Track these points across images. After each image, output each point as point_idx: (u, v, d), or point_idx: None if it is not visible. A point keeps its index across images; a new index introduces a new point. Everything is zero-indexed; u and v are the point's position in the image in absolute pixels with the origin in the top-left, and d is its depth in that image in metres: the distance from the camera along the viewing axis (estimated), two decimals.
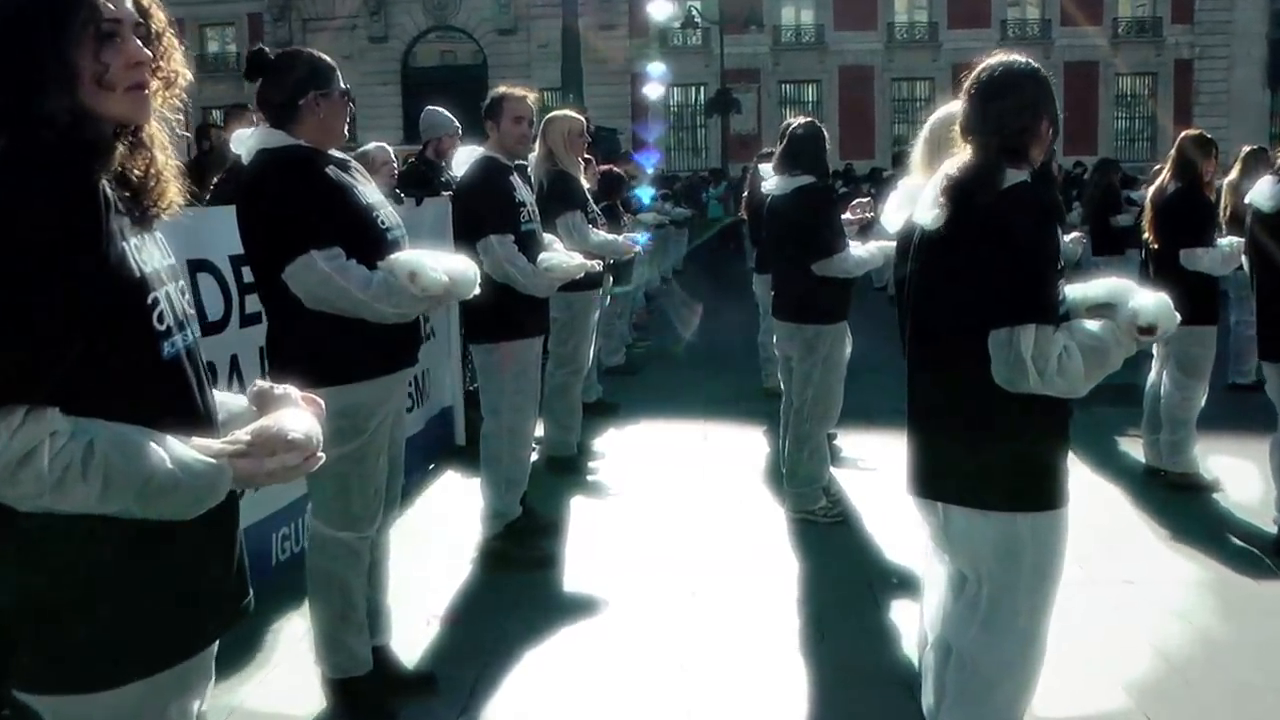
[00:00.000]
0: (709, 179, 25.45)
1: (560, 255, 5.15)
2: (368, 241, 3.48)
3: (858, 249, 5.73)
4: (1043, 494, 2.90)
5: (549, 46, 33.71)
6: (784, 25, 40.55)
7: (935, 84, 40.01)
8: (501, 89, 5.27)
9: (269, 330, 3.62)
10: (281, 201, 3.38)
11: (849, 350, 5.94)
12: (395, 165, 7.59)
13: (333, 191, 3.42)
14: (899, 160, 16.31)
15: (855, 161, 30.85)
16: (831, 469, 6.19)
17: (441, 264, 3.52)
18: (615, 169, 9.97)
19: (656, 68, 34.04)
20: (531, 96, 5.26)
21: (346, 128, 3.64)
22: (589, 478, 6.81)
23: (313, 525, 3.70)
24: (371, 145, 7.47)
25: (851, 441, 7.28)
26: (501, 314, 5.02)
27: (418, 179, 7.53)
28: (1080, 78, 38.23)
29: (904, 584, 4.81)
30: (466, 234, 5.07)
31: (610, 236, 6.93)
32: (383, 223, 3.57)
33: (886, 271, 7.11)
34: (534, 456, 6.92)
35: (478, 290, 3.67)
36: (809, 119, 6.04)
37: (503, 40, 38.72)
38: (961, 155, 2.94)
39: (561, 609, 4.74)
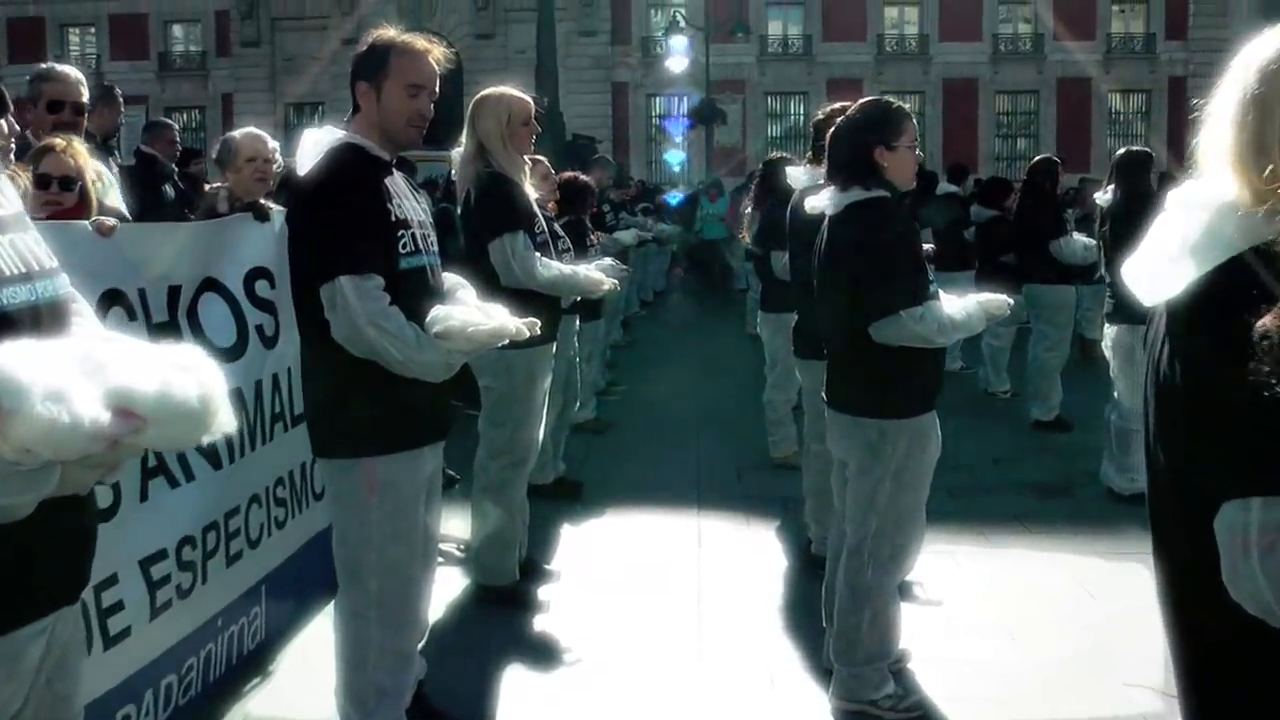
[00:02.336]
0: (710, 191, 21.36)
1: (464, 312, 3.01)
2: None
3: (949, 305, 3.67)
4: None
5: (527, 52, 31.72)
6: (770, 35, 38.70)
7: (926, 97, 38.40)
8: (388, 33, 3.17)
9: None
10: None
11: (937, 453, 3.84)
12: (277, 163, 5.45)
13: None
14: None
15: None
16: None
17: (115, 373, 1.44)
18: (581, 176, 7.85)
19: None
20: (437, 53, 3.18)
21: None
22: (533, 621, 4.68)
23: None
24: (239, 131, 5.31)
25: None
26: (364, 409, 2.96)
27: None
28: (1073, 94, 37.04)
29: None
30: (304, 273, 2.99)
31: (569, 269, 4.80)
32: None
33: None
34: (459, 584, 4.87)
35: (224, 427, 1.58)
36: (877, 97, 3.96)
37: (479, 45, 36.67)
38: None
39: None
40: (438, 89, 3.15)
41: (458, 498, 5.44)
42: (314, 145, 3.09)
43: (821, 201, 3.83)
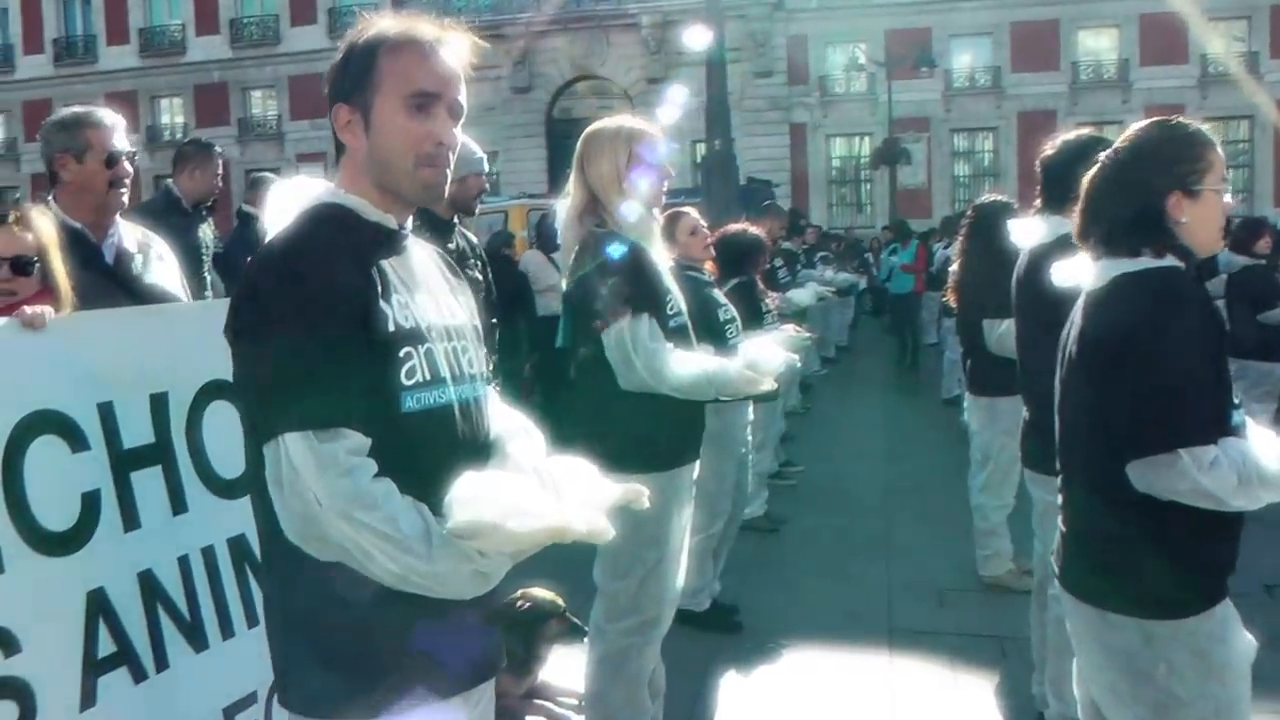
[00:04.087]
0: (891, 238, 18.57)
1: (505, 490, 1.74)
2: None
3: (1264, 444, 2.29)
4: None
5: (700, 95, 30.87)
6: (956, 69, 36.66)
7: (1127, 128, 35.52)
8: (375, 25, 1.94)
9: None
10: None
11: (1250, 654, 2.43)
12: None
13: None
14: None
15: None
16: None
17: None
18: (750, 228, 6.60)
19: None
20: (456, 44, 1.97)
21: None
22: None
23: None
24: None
25: None
26: (349, 642, 1.79)
27: None
28: None
29: None
30: (247, 418, 1.84)
31: (715, 364, 3.46)
32: None
33: None
34: None
35: None
36: (1164, 119, 2.60)
37: (652, 89, 35.91)
38: None
39: None
40: (463, 99, 1.96)
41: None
42: (286, 204, 1.95)
43: (1076, 273, 2.51)
